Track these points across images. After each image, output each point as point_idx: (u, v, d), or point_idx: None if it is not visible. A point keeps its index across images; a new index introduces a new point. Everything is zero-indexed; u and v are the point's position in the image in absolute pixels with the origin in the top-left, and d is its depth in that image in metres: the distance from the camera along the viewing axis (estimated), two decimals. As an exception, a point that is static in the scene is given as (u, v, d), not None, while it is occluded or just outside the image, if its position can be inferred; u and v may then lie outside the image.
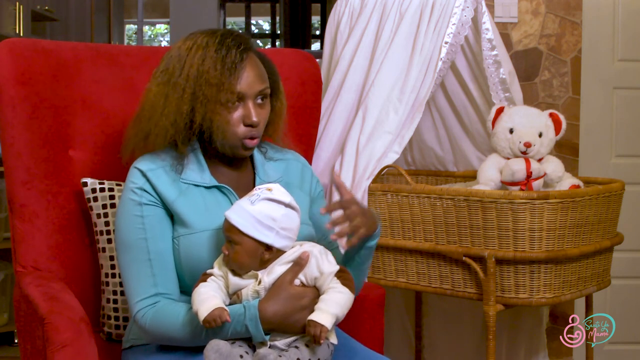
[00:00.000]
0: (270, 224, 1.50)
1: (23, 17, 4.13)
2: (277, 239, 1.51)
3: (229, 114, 1.59)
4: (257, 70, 1.63)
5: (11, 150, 1.90)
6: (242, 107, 1.61)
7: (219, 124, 1.59)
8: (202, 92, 1.57)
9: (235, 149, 1.64)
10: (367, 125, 2.39)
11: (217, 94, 1.57)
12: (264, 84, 1.63)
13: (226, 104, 1.58)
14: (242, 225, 1.50)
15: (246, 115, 1.60)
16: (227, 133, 1.61)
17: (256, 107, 1.62)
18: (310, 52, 5.00)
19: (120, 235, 1.64)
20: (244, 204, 1.52)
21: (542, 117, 2.25)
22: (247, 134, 1.62)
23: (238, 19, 10.07)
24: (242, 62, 1.59)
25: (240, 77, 1.59)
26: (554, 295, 2.09)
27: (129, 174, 1.66)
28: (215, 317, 1.45)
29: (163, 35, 11.16)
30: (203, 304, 1.47)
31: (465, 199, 2.09)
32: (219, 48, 1.59)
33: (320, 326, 1.44)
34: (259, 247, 1.51)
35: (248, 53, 1.62)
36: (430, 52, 2.41)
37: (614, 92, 3.08)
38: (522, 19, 2.98)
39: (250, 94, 1.60)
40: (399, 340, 2.93)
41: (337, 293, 1.49)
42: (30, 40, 2.00)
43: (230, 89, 1.57)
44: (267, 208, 1.51)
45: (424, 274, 2.25)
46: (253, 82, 1.60)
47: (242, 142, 1.62)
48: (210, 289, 1.51)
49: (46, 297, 1.71)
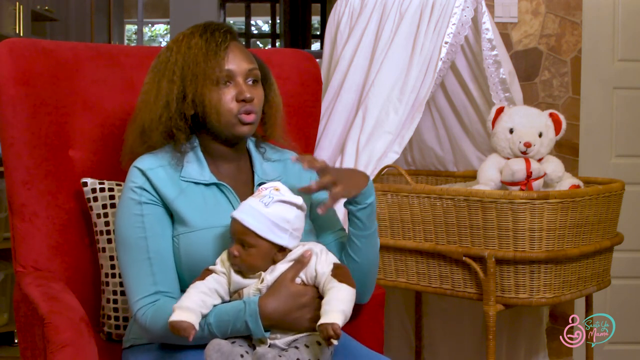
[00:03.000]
0: (285, 226, 1.51)
1: (23, 17, 4.13)
2: (290, 240, 1.53)
3: (221, 93, 1.62)
4: (244, 52, 1.67)
5: (11, 150, 1.90)
6: (234, 86, 1.64)
7: (212, 103, 1.62)
8: (190, 71, 1.61)
9: (232, 126, 1.64)
10: (367, 125, 2.39)
11: (205, 70, 1.61)
12: (253, 64, 1.67)
13: (216, 82, 1.61)
14: (258, 229, 1.50)
15: (238, 92, 1.63)
16: (221, 110, 1.62)
17: (248, 86, 1.65)
18: (310, 52, 5.00)
19: (120, 234, 1.64)
20: (256, 205, 1.52)
21: (542, 117, 2.25)
22: (242, 108, 1.63)
23: (238, 19, 10.07)
24: (226, 42, 1.64)
25: (227, 55, 1.63)
26: (554, 295, 2.09)
27: (129, 173, 1.66)
28: (180, 328, 1.44)
29: (163, 36, 11.16)
30: (181, 307, 1.47)
31: (465, 199, 2.09)
32: (203, 33, 1.65)
33: (331, 324, 1.43)
34: (273, 248, 1.52)
35: (232, 37, 1.67)
36: (430, 52, 2.41)
37: (614, 92, 3.08)
38: (522, 19, 2.98)
39: (239, 72, 1.63)
40: (399, 340, 2.92)
41: (336, 292, 1.49)
42: (30, 40, 2.00)
43: (218, 65, 1.61)
44: (281, 210, 1.52)
45: (424, 274, 2.25)
46: (240, 61, 1.64)
47: (237, 117, 1.63)
48: (205, 288, 1.51)
49: (46, 297, 1.71)
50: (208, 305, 1.51)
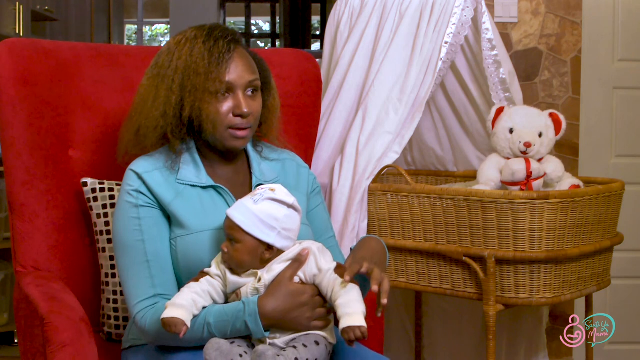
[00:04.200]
0: (272, 224, 1.51)
1: (23, 17, 4.13)
2: (278, 239, 1.52)
3: (219, 105, 1.60)
4: (246, 61, 1.64)
5: (11, 150, 1.90)
6: (232, 98, 1.61)
7: (209, 114, 1.60)
8: (190, 82, 1.59)
9: (226, 140, 1.63)
10: (367, 125, 2.39)
11: (205, 83, 1.58)
12: (254, 75, 1.64)
13: (215, 93, 1.59)
14: (244, 224, 1.50)
15: (236, 105, 1.61)
16: (217, 123, 1.60)
17: (246, 99, 1.62)
18: (310, 52, 5.00)
19: (118, 238, 1.64)
20: (246, 202, 1.53)
21: (542, 117, 2.25)
22: (237, 124, 1.61)
23: (238, 19, 10.07)
24: (230, 53, 1.61)
25: (229, 67, 1.60)
26: (554, 295, 2.09)
27: (125, 176, 1.66)
28: (171, 324, 1.45)
29: (163, 35, 11.16)
30: (173, 304, 1.48)
31: (465, 199, 2.09)
32: (207, 39, 1.61)
33: (359, 328, 1.42)
34: (260, 246, 1.51)
35: (236, 45, 1.64)
36: (430, 52, 2.41)
37: (614, 92, 3.08)
38: (522, 19, 2.98)
39: (239, 84, 1.61)
40: (399, 340, 2.92)
41: (349, 292, 1.48)
42: (30, 40, 2.00)
43: (218, 78, 1.58)
44: (270, 208, 1.51)
45: (424, 274, 2.25)
46: (242, 72, 1.61)
47: (230, 132, 1.62)
48: (198, 289, 1.51)
49: (46, 297, 1.71)
50: (199, 306, 1.51)
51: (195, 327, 1.51)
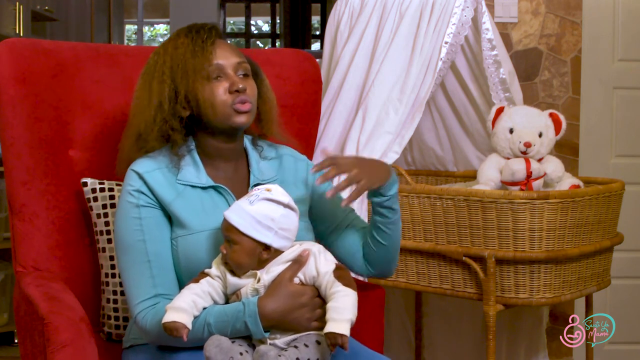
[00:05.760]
0: (269, 224, 1.51)
1: (23, 17, 4.13)
2: (275, 239, 1.52)
3: (213, 87, 1.62)
4: (230, 47, 1.69)
5: (11, 150, 1.90)
6: (225, 79, 1.64)
7: (205, 97, 1.62)
8: (180, 70, 1.62)
9: (228, 118, 1.63)
10: (367, 125, 2.39)
11: (194, 68, 1.61)
12: (241, 57, 1.67)
13: (207, 78, 1.62)
14: (240, 225, 1.50)
15: (231, 83, 1.63)
16: (216, 103, 1.62)
17: (239, 78, 1.65)
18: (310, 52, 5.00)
19: (119, 238, 1.64)
20: (242, 204, 1.53)
21: (542, 117, 2.25)
22: (236, 99, 1.63)
23: (238, 19, 10.07)
24: (212, 38, 1.65)
25: (214, 51, 1.64)
26: (554, 295, 2.09)
27: (126, 176, 1.66)
28: (173, 328, 1.46)
29: (163, 36, 11.17)
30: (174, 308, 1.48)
31: (465, 199, 2.09)
32: (188, 32, 1.66)
33: (340, 336, 1.44)
34: (258, 246, 1.51)
35: (217, 33, 1.68)
36: (430, 52, 2.41)
37: (614, 92, 3.08)
38: (522, 19, 2.98)
39: (228, 65, 1.64)
40: (399, 340, 2.93)
41: (343, 297, 1.48)
42: (30, 40, 2.00)
43: (207, 61, 1.62)
44: (265, 208, 1.51)
45: (423, 274, 2.25)
46: (228, 54, 1.65)
47: (233, 108, 1.63)
48: (198, 290, 1.52)
49: (46, 297, 1.71)
50: (199, 307, 1.51)
51: (196, 327, 1.51)
